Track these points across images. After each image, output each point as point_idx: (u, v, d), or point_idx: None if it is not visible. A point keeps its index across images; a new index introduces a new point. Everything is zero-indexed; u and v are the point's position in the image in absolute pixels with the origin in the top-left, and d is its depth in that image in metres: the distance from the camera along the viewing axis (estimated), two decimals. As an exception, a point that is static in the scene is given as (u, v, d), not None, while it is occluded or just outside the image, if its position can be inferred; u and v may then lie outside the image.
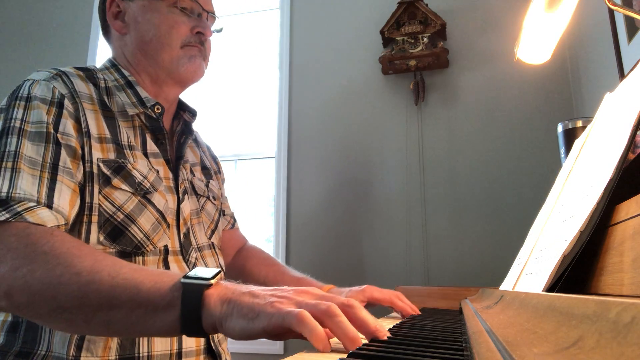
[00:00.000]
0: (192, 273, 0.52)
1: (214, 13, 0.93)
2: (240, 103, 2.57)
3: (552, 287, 0.41)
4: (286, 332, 0.46)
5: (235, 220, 1.12)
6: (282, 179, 2.25)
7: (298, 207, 2.21)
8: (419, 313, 0.93)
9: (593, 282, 0.38)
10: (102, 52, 2.69)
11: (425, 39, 2.08)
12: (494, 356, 0.26)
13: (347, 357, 0.36)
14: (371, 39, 2.25)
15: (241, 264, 1.08)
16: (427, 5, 2.12)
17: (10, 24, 2.91)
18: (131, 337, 0.70)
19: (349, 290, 0.97)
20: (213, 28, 0.92)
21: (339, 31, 2.34)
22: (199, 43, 0.87)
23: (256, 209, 2.45)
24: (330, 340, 0.46)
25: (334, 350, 0.47)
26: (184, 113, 0.94)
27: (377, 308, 0.93)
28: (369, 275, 2.04)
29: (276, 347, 2.06)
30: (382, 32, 2.15)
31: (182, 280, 0.51)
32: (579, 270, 0.40)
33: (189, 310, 0.49)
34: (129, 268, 0.56)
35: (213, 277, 0.51)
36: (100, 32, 0.96)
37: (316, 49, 2.36)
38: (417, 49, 2.08)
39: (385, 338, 0.47)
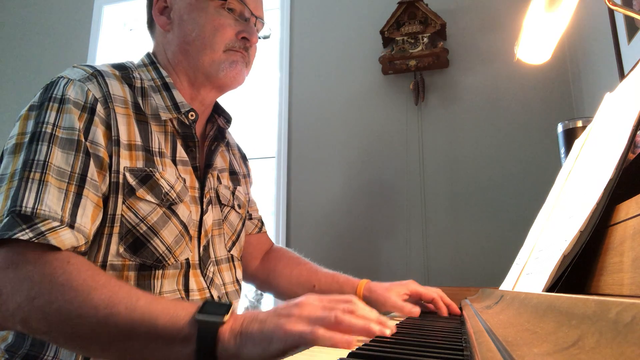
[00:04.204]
0: (205, 308, 0.54)
1: (263, 19, 0.89)
2: (241, 103, 2.57)
3: (552, 287, 0.41)
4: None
5: (262, 224, 1.10)
6: (282, 179, 2.25)
7: (298, 207, 2.21)
8: (458, 312, 0.93)
9: (593, 282, 0.38)
10: (102, 52, 2.69)
11: (425, 39, 2.08)
12: (494, 356, 0.26)
13: (347, 357, 0.36)
14: (371, 39, 2.25)
15: (271, 266, 1.07)
16: (427, 5, 2.12)
17: (10, 24, 2.91)
18: None
19: (391, 284, 0.97)
20: (260, 34, 0.89)
21: (339, 31, 2.34)
22: (242, 49, 0.83)
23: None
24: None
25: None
26: (218, 118, 0.91)
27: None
28: (368, 276, 2.03)
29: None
30: (382, 32, 2.15)
31: (197, 317, 0.53)
32: (579, 270, 0.40)
33: (205, 346, 0.51)
34: (144, 300, 0.56)
35: (226, 313, 0.53)
36: (101, 31, 0.96)
37: (316, 49, 2.36)
38: (417, 49, 2.08)
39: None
